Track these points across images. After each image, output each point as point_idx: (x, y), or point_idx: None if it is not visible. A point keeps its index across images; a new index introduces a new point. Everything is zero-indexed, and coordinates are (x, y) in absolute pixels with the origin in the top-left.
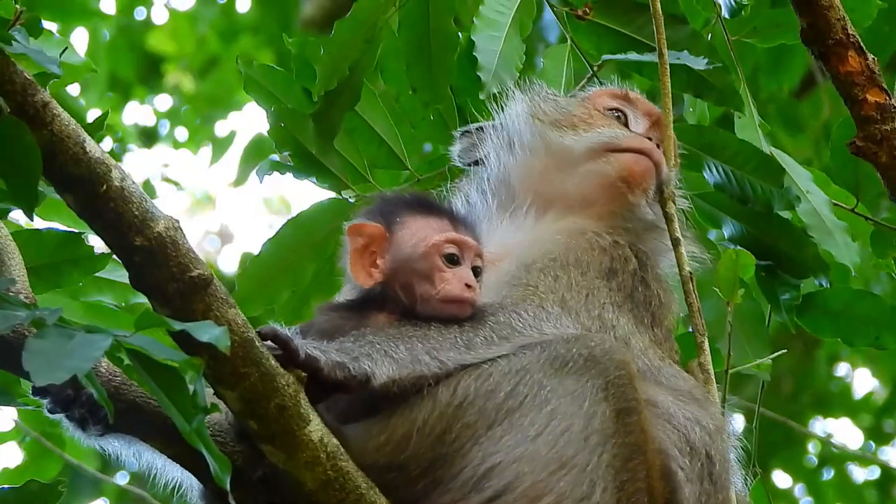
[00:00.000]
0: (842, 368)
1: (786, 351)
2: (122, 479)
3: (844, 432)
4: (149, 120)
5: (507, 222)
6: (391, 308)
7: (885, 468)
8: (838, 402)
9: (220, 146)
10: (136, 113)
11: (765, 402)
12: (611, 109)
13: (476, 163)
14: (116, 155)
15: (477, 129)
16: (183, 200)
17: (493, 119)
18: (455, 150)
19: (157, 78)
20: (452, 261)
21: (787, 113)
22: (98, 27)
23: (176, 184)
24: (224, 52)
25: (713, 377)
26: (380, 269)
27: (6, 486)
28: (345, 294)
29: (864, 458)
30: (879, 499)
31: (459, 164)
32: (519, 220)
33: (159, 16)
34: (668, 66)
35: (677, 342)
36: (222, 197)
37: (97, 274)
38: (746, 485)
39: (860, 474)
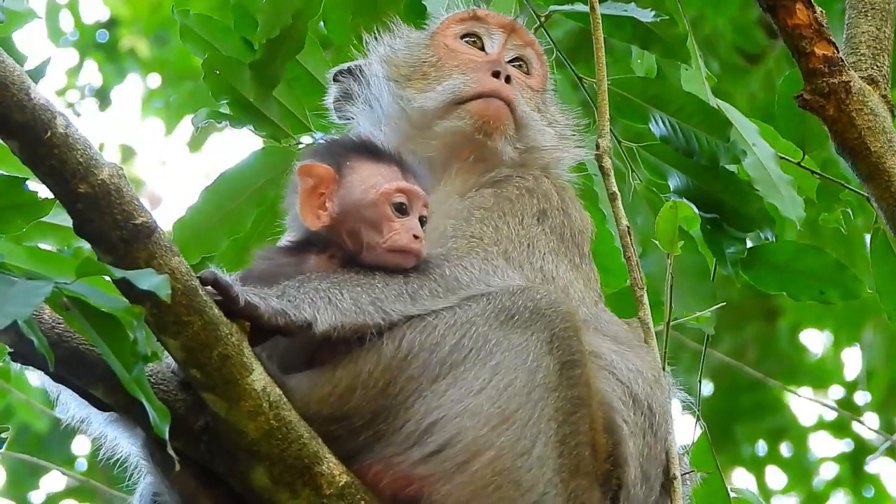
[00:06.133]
0: (812, 340)
1: (725, 304)
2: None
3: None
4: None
5: None
6: (333, 252)
7: (859, 441)
8: (809, 374)
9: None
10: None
11: (729, 370)
12: (464, 36)
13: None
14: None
15: (351, 69)
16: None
17: (360, 75)
18: (329, 99)
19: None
20: (401, 210)
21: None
22: None
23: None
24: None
25: (653, 331)
26: (328, 212)
27: None
28: (286, 238)
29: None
30: (852, 472)
31: (336, 120)
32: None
33: None
34: (599, 21)
35: (621, 298)
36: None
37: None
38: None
39: (834, 447)
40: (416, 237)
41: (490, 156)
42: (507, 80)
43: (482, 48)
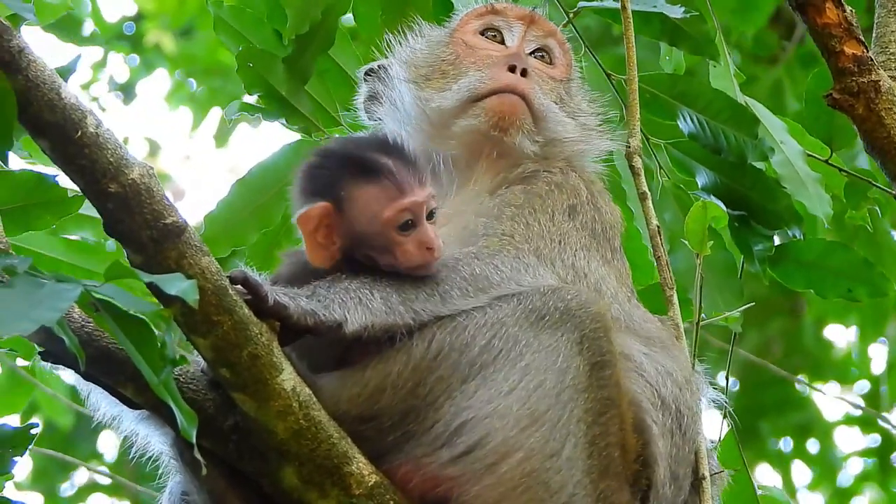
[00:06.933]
0: (837, 335)
1: (753, 304)
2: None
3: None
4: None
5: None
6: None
7: (887, 435)
8: (835, 369)
9: (202, 108)
10: (117, 69)
11: (754, 366)
12: (484, 32)
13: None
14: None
15: (375, 69)
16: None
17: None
18: (360, 99)
19: (137, 37)
20: (408, 226)
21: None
22: None
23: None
24: (205, 12)
25: (682, 331)
26: (337, 246)
27: None
28: None
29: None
30: (879, 468)
31: (365, 121)
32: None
33: None
34: (630, 19)
35: (648, 294)
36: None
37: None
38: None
39: (860, 442)
40: (429, 249)
41: (510, 151)
42: (524, 73)
43: (502, 42)
